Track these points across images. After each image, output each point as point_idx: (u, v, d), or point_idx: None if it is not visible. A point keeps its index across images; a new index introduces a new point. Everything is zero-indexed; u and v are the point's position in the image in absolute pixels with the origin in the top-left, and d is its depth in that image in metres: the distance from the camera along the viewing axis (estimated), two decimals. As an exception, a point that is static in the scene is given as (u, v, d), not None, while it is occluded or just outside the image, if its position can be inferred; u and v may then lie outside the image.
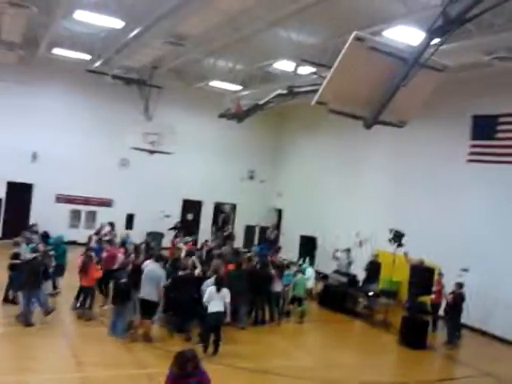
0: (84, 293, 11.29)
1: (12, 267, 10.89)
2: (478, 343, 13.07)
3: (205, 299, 9.64)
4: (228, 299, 9.69)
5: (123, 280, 10.08)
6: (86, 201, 20.71)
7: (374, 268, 15.14)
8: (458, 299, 12.07)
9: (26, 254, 10.97)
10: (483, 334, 13.46)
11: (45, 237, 13.65)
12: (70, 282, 12.30)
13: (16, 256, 11.01)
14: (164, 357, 9.36)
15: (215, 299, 9.56)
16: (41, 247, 11.33)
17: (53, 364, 8.59)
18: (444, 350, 12.06)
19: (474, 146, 14.55)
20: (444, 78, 7.40)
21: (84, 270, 11.07)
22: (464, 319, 12.79)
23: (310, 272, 14.03)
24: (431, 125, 15.60)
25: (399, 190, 16.98)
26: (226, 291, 9.70)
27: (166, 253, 14.46)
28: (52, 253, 11.93)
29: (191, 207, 22.83)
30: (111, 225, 16.17)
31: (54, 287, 12.46)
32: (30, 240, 12.22)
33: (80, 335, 10.14)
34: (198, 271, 10.88)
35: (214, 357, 9.50)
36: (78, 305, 11.34)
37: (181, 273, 10.61)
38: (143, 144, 17.96)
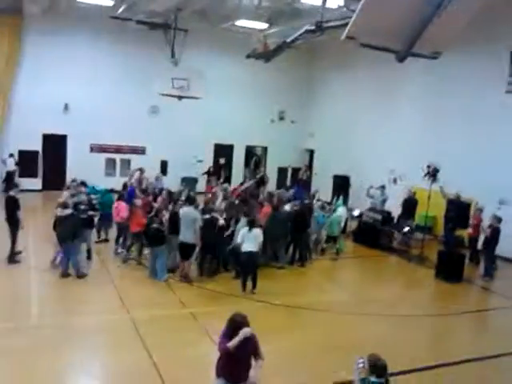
0: (133, 238, 11.57)
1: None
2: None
3: (238, 240, 9.93)
4: (260, 239, 9.90)
5: (154, 225, 10.35)
6: (119, 149, 21.01)
7: (409, 205, 15.07)
8: (495, 232, 11.98)
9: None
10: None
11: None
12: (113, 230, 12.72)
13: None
14: (204, 296, 9.82)
15: (248, 239, 9.80)
16: (84, 198, 11.53)
17: (101, 307, 9.01)
18: (481, 282, 12.11)
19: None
20: (481, 5, 6.99)
21: (131, 216, 11.31)
22: (500, 251, 12.75)
23: (341, 211, 14.00)
24: (467, 58, 14.99)
25: (434, 125, 16.55)
26: (258, 231, 9.92)
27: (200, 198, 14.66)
28: (96, 201, 12.18)
29: (223, 151, 22.88)
30: (140, 170, 16.15)
31: (99, 237, 12.87)
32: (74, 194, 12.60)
33: (125, 279, 10.56)
34: (221, 222, 10.96)
35: (253, 294, 9.91)
36: (124, 250, 11.72)
37: (206, 216, 10.76)
38: (172, 90, 17.83)
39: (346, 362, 5.75)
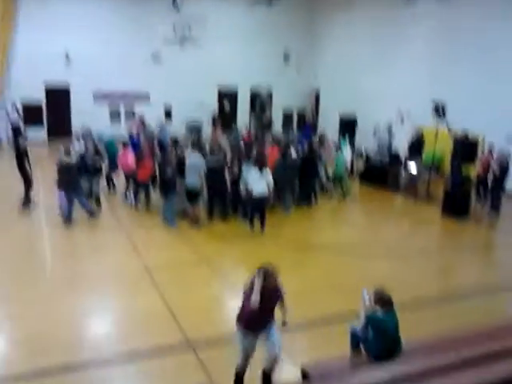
0: (140, 187, 11.66)
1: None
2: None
3: (249, 181, 9.89)
4: (271, 180, 9.92)
5: (168, 173, 10.38)
6: (124, 95, 20.74)
7: (416, 145, 14.96)
8: (503, 169, 11.91)
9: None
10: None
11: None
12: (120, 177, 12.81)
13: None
14: (214, 238, 9.99)
15: (258, 180, 9.81)
16: (90, 146, 11.53)
17: (113, 253, 9.19)
18: (487, 219, 12.18)
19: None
20: None
21: (139, 165, 11.32)
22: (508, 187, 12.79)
23: (346, 150, 13.89)
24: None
25: (441, 62, 16.14)
26: (267, 171, 9.94)
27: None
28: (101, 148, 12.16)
29: (227, 95, 22.56)
30: (140, 119, 15.97)
31: (108, 183, 12.96)
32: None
33: (135, 225, 10.69)
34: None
35: (261, 234, 10.14)
36: (133, 200, 11.83)
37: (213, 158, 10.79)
38: (174, 35, 17.47)
39: (353, 298, 5.88)
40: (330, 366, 5.09)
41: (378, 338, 5.03)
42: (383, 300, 5.09)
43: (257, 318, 4.98)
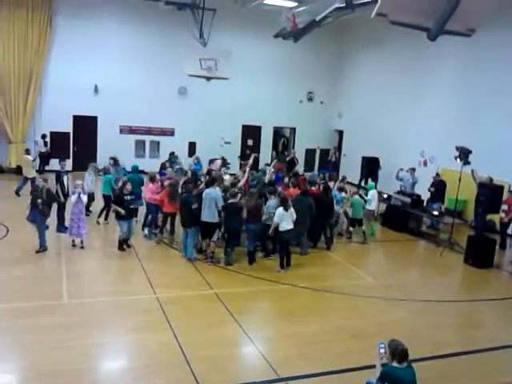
0: (168, 218, 11.64)
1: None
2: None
3: (276, 219, 10.22)
4: (294, 217, 10.32)
5: (194, 205, 10.41)
6: (149, 131, 21.14)
7: (438, 187, 14.77)
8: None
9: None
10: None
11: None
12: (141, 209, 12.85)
13: None
14: (230, 277, 9.88)
15: (286, 218, 10.21)
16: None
17: (129, 287, 9.19)
18: (510, 268, 11.81)
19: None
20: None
21: (172, 197, 11.27)
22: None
23: (371, 194, 13.82)
24: (502, 30, 14.30)
25: (467, 106, 16.02)
26: (292, 210, 10.35)
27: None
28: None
29: (251, 133, 22.80)
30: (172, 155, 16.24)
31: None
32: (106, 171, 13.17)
33: (151, 259, 10.66)
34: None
35: (277, 275, 10.08)
36: (158, 231, 11.87)
37: (230, 201, 10.68)
38: (200, 70, 17.76)
39: (370, 345, 5.69)
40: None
41: (394, 393, 4.82)
42: (399, 353, 4.91)
43: None
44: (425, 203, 14.98)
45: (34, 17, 18.38)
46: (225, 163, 15.79)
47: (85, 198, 10.96)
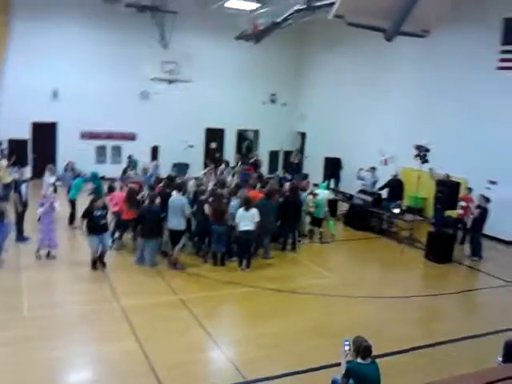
0: (124, 225, 11.44)
1: None
2: (502, 254, 13.11)
3: (236, 219, 10.31)
4: (257, 219, 10.35)
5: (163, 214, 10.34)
6: (110, 135, 20.77)
7: (395, 186, 15.11)
8: (483, 213, 12.01)
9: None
10: (508, 244, 13.63)
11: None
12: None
13: None
14: (193, 282, 9.80)
15: (245, 219, 10.29)
16: None
17: (90, 296, 8.99)
18: (469, 262, 12.17)
19: (505, 51, 13.79)
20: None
21: (128, 203, 11.06)
22: (491, 231, 12.87)
23: (324, 193, 13.51)
24: (457, 30, 14.70)
25: (423, 105, 16.45)
26: (254, 211, 10.36)
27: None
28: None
29: (214, 136, 22.74)
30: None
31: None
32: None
33: (114, 266, 10.43)
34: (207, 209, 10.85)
35: (244, 271, 10.25)
36: (117, 236, 11.58)
37: (203, 197, 10.87)
38: (162, 73, 17.64)
39: (336, 343, 5.75)
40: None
41: (358, 389, 4.89)
42: (362, 349, 4.98)
43: None
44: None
45: (-11, 18, 17.87)
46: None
47: (57, 205, 10.67)
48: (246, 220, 10.31)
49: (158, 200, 10.46)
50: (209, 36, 21.10)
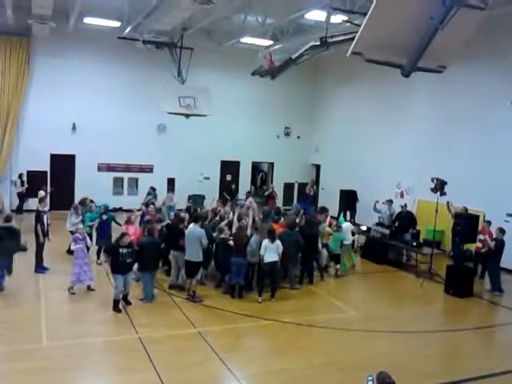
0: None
1: None
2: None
3: (261, 251, 10.51)
4: (280, 250, 10.55)
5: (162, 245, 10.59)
6: (127, 168, 21.09)
7: (404, 217, 15.04)
8: (499, 245, 11.90)
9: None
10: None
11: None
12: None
13: None
14: (212, 315, 9.74)
15: (270, 250, 10.50)
16: None
17: (109, 327, 8.99)
18: (490, 296, 11.97)
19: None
20: (485, 16, 7.02)
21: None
22: (506, 264, 12.77)
23: (345, 227, 13.60)
24: (474, 70, 14.99)
25: (441, 138, 16.51)
26: (278, 243, 10.60)
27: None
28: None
29: (229, 168, 22.96)
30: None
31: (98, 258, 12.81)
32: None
33: (132, 298, 10.41)
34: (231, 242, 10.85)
35: (261, 311, 9.98)
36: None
37: (222, 236, 10.95)
38: (179, 108, 17.95)
39: (357, 381, 5.65)
40: None
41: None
42: (386, 385, 4.88)
43: None
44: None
45: (12, 56, 18.52)
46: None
47: (88, 239, 11.04)
48: (271, 251, 10.49)
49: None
50: (225, 71, 21.61)
